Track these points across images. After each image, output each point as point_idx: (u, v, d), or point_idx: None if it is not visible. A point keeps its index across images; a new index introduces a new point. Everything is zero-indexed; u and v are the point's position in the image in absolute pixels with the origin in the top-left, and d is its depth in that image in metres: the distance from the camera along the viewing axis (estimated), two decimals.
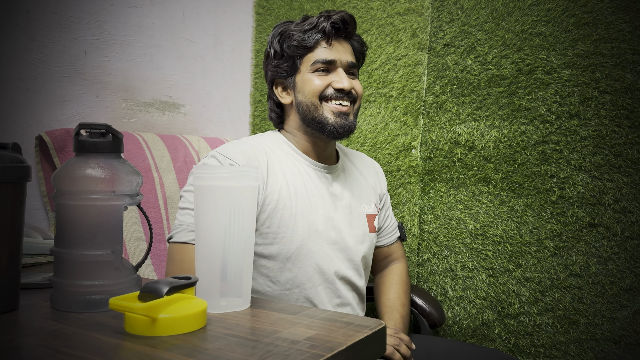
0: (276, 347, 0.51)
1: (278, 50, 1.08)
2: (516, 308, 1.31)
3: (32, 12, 1.15)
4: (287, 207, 1.00)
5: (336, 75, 1.05)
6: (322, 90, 1.04)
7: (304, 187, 1.04)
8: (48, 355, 0.48)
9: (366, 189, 1.16)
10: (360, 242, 1.10)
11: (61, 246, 0.62)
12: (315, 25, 1.05)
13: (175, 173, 1.31)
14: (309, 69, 1.06)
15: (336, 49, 1.06)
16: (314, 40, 1.05)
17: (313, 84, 1.05)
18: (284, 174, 1.03)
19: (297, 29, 1.06)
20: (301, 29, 1.06)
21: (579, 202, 1.24)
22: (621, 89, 1.19)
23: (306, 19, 1.08)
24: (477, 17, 1.38)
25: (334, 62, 1.05)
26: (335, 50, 1.06)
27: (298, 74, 1.07)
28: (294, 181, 1.03)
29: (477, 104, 1.38)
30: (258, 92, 1.78)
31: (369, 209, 1.14)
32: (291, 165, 1.05)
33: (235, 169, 0.68)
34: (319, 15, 1.07)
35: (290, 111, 1.11)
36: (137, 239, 1.17)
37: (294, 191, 1.02)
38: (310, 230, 1.01)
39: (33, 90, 1.15)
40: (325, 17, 1.05)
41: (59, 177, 0.62)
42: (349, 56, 1.08)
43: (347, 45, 1.09)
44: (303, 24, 1.07)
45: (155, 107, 1.45)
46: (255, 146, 1.03)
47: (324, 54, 1.05)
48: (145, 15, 1.41)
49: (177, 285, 0.57)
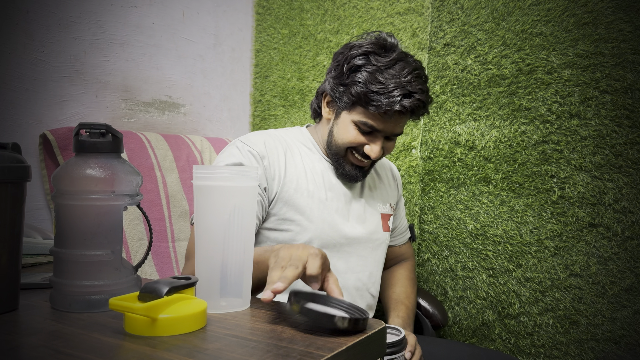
0: (276, 347, 0.51)
1: (345, 78, 1.00)
2: (516, 308, 1.31)
3: (32, 12, 1.14)
4: (304, 196, 1.02)
5: (372, 141, 1.01)
6: (354, 146, 1.03)
7: (322, 180, 1.07)
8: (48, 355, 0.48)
9: (382, 190, 1.18)
10: (373, 239, 1.11)
11: (61, 246, 0.62)
12: (387, 99, 0.96)
13: (178, 172, 1.31)
14: (355, 120, 1.01)
15: (390, 123, 1.00)
16: (377, 108, 0.97)
17: (349, 135, 1.01)
18: (303, 166, 1.06)
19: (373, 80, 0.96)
20: (376, 89, 0.96)
21: (579, 202, 1.24)
22: (621, 88, 1.19)
23: (390, 71, 0.97)
24: (477, 16, 1.38)
25: (379, 131, 1.01)
26: (388, 124, 1.00)
27: (344, 112, 1.03)
28: (312, 174, 1.06)
29: (478, 104, 1.38)
30: (258, 92, 1.78)
31: (384, 208, 1.16)
32: (313, 159, 1.09)
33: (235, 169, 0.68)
34: (400, 85, 0.96)
35: (324, 122, 1.11)
36: (138, 237, 1.17)
37: (312, 183, 1.05)
38: (324, 221, 1.03)
39: (33, 90, 1.15)
40: (401, 96, 0.96)
41: (59, 177, 0.62)
42: (399, 128, 1.02)
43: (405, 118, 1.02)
44: (382, 80, 0.96)
45: (155, 107, 1.45)
46: (277, 137, 1.07)
47: (375, 122, 0.99)
48: (145, 15, 1.41)
49: (177, 285, 0.57)
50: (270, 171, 1.01)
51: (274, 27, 1.75)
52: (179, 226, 1.27)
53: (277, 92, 1.73)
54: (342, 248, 1.05)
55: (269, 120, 1.75)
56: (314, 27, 1.66)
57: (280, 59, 1.73)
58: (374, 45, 1.00)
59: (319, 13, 1.65)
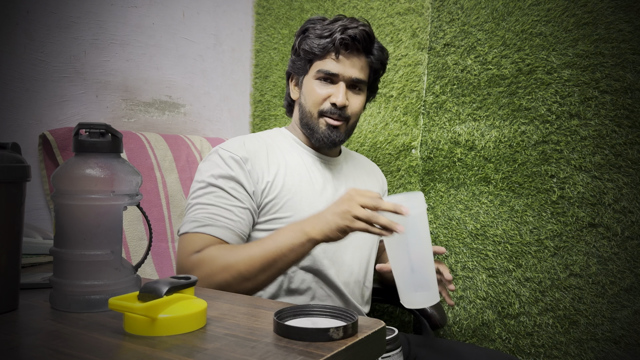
0: (276, 347, 0.51)
1: (296, 47, 1.10)
2: (516, 308, 1.31)
3: (32, 12, 1.15)
4: (291, 191, 1.03)
5: (336, 89, 1.06)
6: (321, 103, 1.07)
7: (308, 174, 1.08)
8: (48, 355, 0.48)
9: (367, 183, 1.22)
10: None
11: (60, 246, 0.62)
12: (329, 34, 1.05)
13: (177, 172, 1.31)
14: (314, 75, 1.08)
15: (343, 62, 1.06)
16: (324, 49, 1.05)
17: (315, 93, 1.07)
18: (285, 162, 1.07)
19: (316, 33, 1.07)
20: (319, 33, 1.06)
21: (579, 202, 1.24)
22: (621, 88, 1.19)
23: (332, 22, 1.08)
24: (477, 17, 1.38)
25: (337, 76, 1.06)
26: (342, 64, 1.06)
27: (306, 76, 1.10)
28: (297, 169, 1.08)
29: (477, 104, 1.38)
30: (258, 92, 1.78)
31: None
32: (295, 155, 1.10)
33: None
34: (340, 23, 1.06)
35: (296, 106, 1.16)
36: (138, 237, 1.17)
37: (297, 178, 1.06)
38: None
39: (33, 90, 1.15)
40: (341, 30, 1.04)
41: (58, 177, 0.62)
42: (356, 71, 1.07)
43: (358, 59, 1.08)
44: (323, 28, 1.07)
45: (155, 107, 1.45)
46: (256, 139, 1.09)
47: (328, 66, 1.06)
48: (145, 15, 1.41)
49: (177, 285, 0.57)
50: (254, 174, 1.01)
51: (274, 27, 1.75)
52: (178, 226, 1.27)
53: (277, 92, 1.73)
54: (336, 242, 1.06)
55: (269, 120, 1.75)
56: None
57: (280, 59, 1.73)
58: (306, 22, 1.11)
59: (319, 13, 1.65)
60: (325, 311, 0.60)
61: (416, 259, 0.84)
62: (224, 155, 1.01)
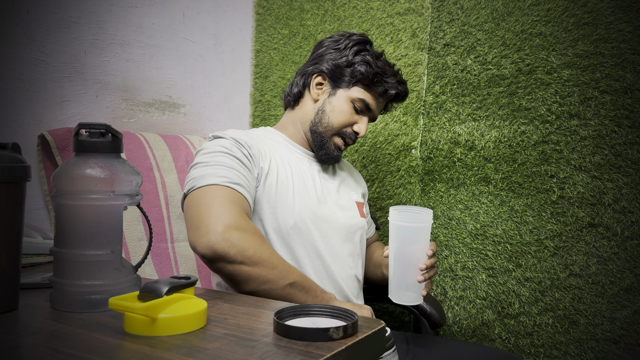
0: (276, 346, 0.51)
1: (350, 59, 1.11)
2: (516, 308, 1.31)
3: (32, 12, 1.15)
4: (284, 183, 1.04)
5: (361, 121, 1.13)
6: (345, 126, 1.12)
7: (298, 170, 1.10)
8: (48, 355, 0.48)
9: (353, 182, 1.25)
10: (352, 223, 1.14)
11: (61, 246, 0.62)
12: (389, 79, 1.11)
13: (176, 173, 1.31)
14: (352, 98, 1.11)
15: (378, 105, 1.15)
16: (379, 89, 1.11)
17: (347, 115, 1.11)
18: (277, 154, 1.09)
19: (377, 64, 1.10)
20: (381, 70, 1.10)
21: (579, 202, 1.24)
22: (621, 89, 1.19)
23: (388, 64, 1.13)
24: (477, 17, 1.38)
25: (369, 112, 1.13)
26: (377, 105, 1.15)
27: (344, 90, 1.12)
28: (289, 163, 1.09)
29: (477, 104, 1.38)
30: (258, 92, 1.78)
31: (357, 196, 1.22)
32: (286, 151, 1.12)
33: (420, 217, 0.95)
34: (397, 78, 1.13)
35: (308, 105, 1.15)
36: (138, 238, 1.17)
37: (289, 171, 1.07)
38: (305, 207, 1.05)
39: (33, 90, 1.15)
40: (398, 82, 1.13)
41: (59, 177, 0.62)
42: (378, 112, 1.17)
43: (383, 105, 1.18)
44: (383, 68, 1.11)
45: (155, 107, 1.45)
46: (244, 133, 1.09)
47: (371, 102, 1.12)
48: (145, 15, 1.41)
49: (177, 285, 0.57)
50: (255, 159, 1.01)
51: (274, 27, 1.75)
52: (178, 227, 1.27)
53: (277, 92, 1.73)
54: (328, 233, 1.07)
55: (269, 120, 1.75)
56: (314, 27, 1.66)
57: (281, 59, 1.73)
58: (362, 37, 1.14)
59: (319, 13, 1.65)
60: (325, 311, 0.60)
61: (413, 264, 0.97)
62: (226, 135, 1.01)
